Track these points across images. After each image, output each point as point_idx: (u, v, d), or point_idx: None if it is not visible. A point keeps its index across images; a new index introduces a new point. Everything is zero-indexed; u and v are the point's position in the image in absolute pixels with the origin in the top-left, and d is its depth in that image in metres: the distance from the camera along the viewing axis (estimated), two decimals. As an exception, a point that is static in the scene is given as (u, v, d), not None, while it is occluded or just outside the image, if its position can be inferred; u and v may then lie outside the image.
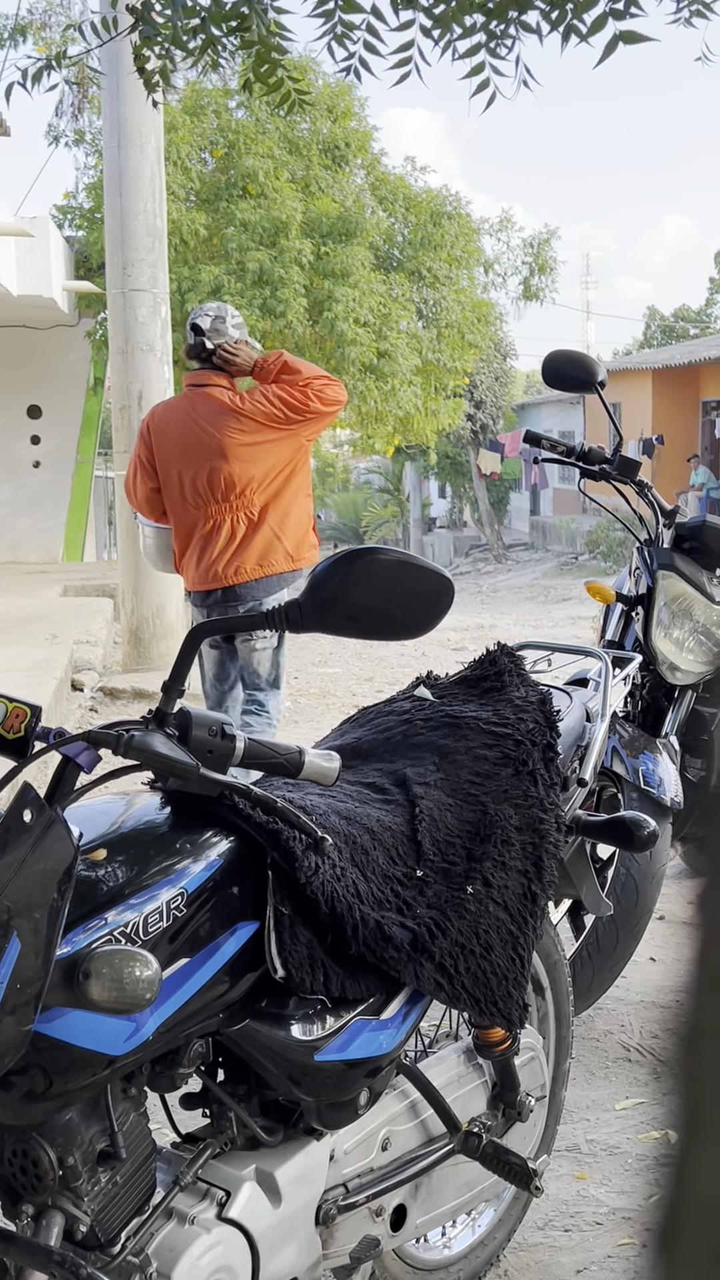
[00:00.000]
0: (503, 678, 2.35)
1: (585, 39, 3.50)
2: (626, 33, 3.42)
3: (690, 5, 3.74)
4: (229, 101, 13.46)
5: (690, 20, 3.78)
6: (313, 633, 1.71)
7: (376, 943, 1.81)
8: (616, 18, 3.42)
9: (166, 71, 3.86)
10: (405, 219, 14.40)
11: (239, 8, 3.55)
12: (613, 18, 3.43)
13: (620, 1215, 2.68)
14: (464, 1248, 2.42)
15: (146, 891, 1.60)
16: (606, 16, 3.43)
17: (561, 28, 3.55)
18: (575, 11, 3.51)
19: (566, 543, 27.09)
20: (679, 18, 3.76)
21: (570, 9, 3.51)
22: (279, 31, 3.64)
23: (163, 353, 8.70)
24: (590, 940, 3.42)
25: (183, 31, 3.64)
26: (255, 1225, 1.76)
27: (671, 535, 3.83)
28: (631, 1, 3.44)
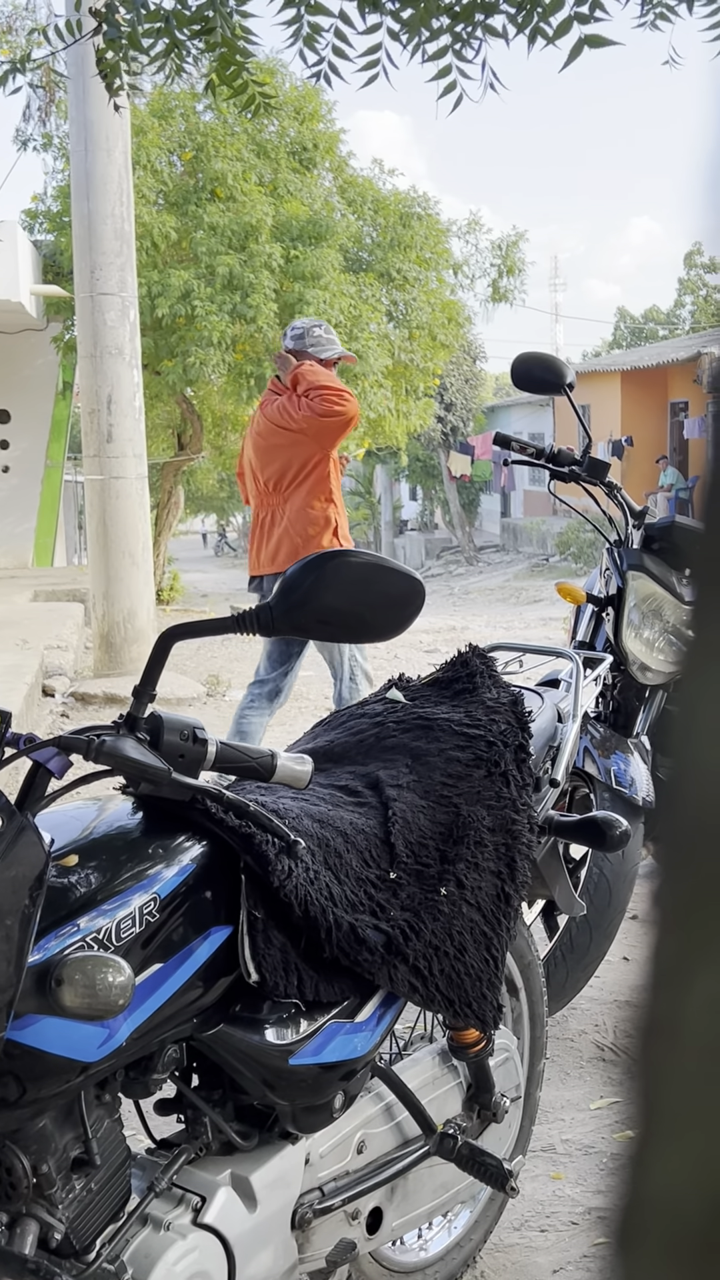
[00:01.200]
0: (475, 679, 2.36)
1: (551, 42, 3.52)
2: (592, 36, 3.43)
3: (655, 9, 3.76)
4: (196, 105, 13.44)
5: (655, 24, 3.80)
6: (285, 636, 1.71)
7: (350, 945, 1.81)
8: (582, 21, 3.44)
9: (131, 73, 3.85)
10: (374, 221, 14.42)
11: (203, 11, 3.55)
12: (578, 21, 3.44)
13: (596, 1215, 2.68)
14: (440, 1249, 2.42)
15: (119, 897, 1.59)
16: (572, 20, 3.45)
17: (528, 31, 3.56)
18: (541, 15, 3.52)
19: (537, 544, 27.18)
20: (644, 22, 3.79)
21: (536, 12, 3.52)
22: (243, 35, 3.64)
23: (131, 356, 8.67)
24: (564, 940, 3.43)
25: (146, 35, 3.63)
26: (231, 1230, 1.75)
27: (641, 536, 3.85)
28: (597, 5, 3.46)
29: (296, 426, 5.32)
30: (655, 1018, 0.36)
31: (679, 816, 0.36)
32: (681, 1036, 0.35)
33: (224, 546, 42.90)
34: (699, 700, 0.35)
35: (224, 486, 29.66)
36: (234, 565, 35.83)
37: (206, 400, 14.98)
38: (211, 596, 19.97)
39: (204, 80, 4.05)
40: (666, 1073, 0.36)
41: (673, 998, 0.36)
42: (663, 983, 0.36)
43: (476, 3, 3.55)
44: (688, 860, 0.36)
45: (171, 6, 3.60)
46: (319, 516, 5.42)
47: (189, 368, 12.67)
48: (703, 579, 0.35)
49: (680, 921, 0.36)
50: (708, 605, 0.35)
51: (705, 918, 0.35)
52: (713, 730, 0.34)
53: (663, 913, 0.36)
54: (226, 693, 8.76)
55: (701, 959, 0.35)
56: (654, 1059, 0.36)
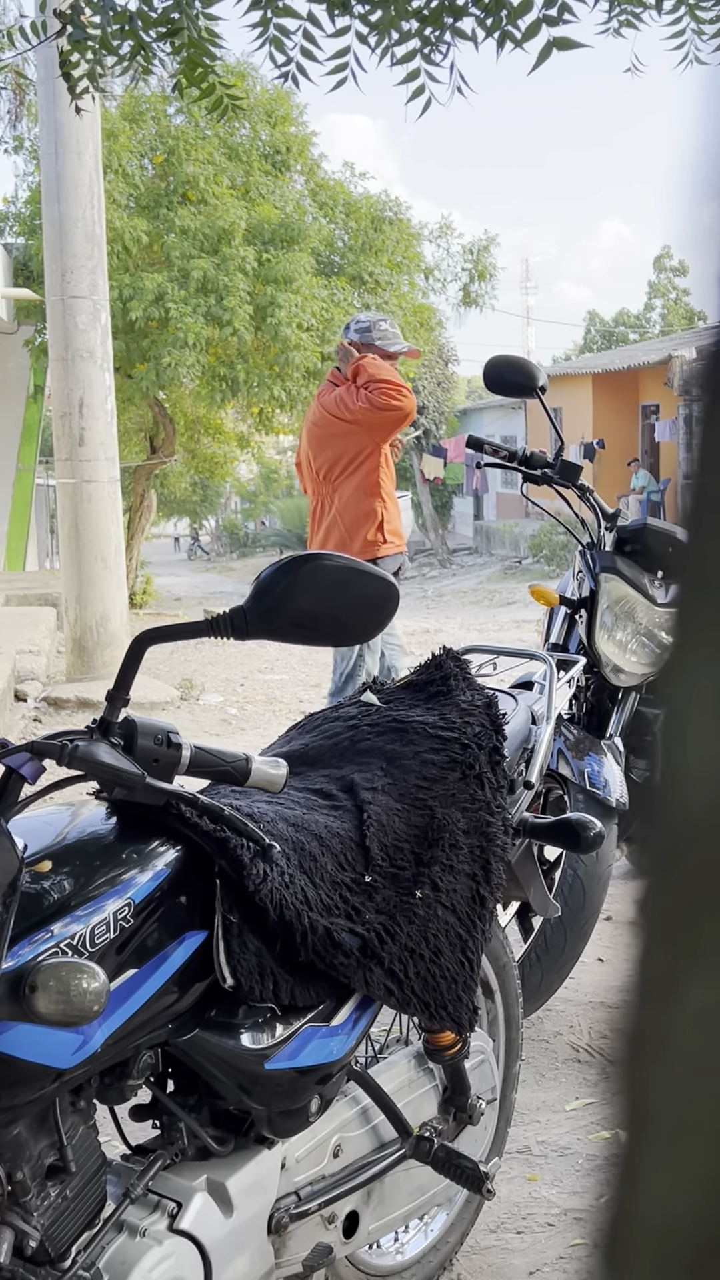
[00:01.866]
0: (448, 682, 2.36)
1: (520, 45, 3.53)
2: (560, 39, 3.45)
3: (619, 15, 3.78)
4: (168, 108, 13.43)
5: (619, 30, 3.82)
6: (259, 639, 1.71)
7: (326, 949, 1.81)
8: (550, 24, 3.46)
9: (95, 75, 3.84)
10: (345, 224, 14.43)
11: (169, 13, 3.54)
12: (546, 24, 3.46)
13: (572, 1216, 2.69)
14: (417, 1252, 2.42)
15: (93, 903, 1.58)
16: (540, 23, 3.46)
17: (496, 34, 3.57)
18: (509, 18, 3.53)
19: (510, 547, 27.23)
20: (608, 28, 3.81)
21: (504, 16, 3.53)
22: (210, 37, 3.63)
23: (103, 359, 8.65)
24: (538, 942, 3.43)
25: (112, 36, 3.62)
26: (207, 1236, 1.75)
27: (613, 538, 3.86)
28: (565, 8, 3.47)
29: (351, 417, 5.42)
30: (643, 1029, 0.36)
31: (664, 825, 0.36)
32: (671, 1048, 0.35)
33: (197, 550, 42.84)
34: (682, 707, 0.35)
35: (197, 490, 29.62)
36: (208, 569, 35.77)
37: (179, 404, 14.96)
38: (185, 600, 19.93)
39: (173, 82, 4.04)
40: (655, 1084, 0.36)
41: (661, 1009, 0.36)
42: (650, 994, 0.36)
43: (445, 5, 3.56)
44: (674, 869, 0.35)
45: (136, 8, 3.59)
46: (365, 509, 5.53)
47: (163, 371, 12.65)
48: (685, 585, 0.35)
49: (667, 932, 0.36)
50: (690, 611, 0.35)
51: (694, 928, 0.35)
52: (697, 738, 0.34)
53: (648, 922, 0.36)
54: (200, 697, 8.74)
55: (691, 970, 0.35)
56: (642, 1070, 0.36)
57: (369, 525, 5.54)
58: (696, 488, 0.34)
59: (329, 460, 5.55)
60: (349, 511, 5.54)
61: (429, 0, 3.56)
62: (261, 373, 13.32)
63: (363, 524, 5.53)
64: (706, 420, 0.34)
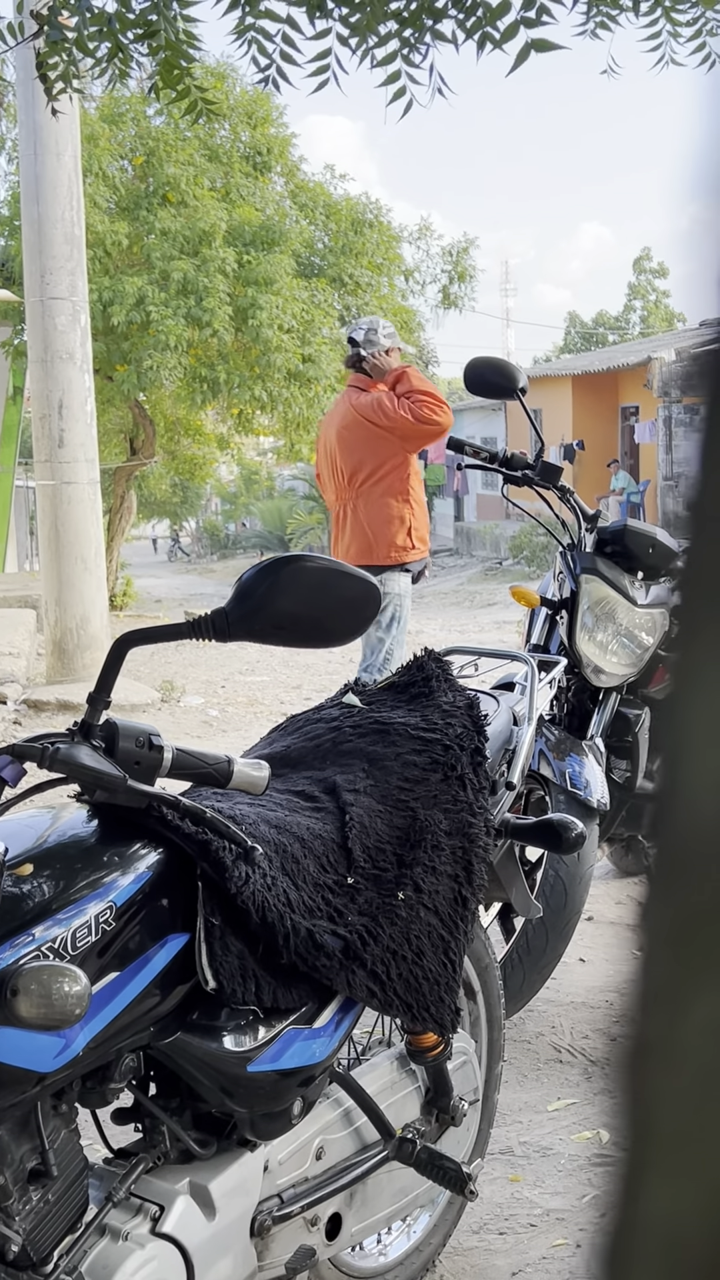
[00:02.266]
0: (430, 683, 2.36)
1: (499, 46, 3.54)
2: (538, 40, 3.46)
3: (596, 17, 3.79)
4: (147, 109, 13.41)
5: (595, 33, 3.83)
6: (240, 641, 1.71)
7: (308, 951, 1.81)
8: (528, 25, 3.46)
9: (69, 76, 3.82)
10: (326, 226, 14.44)
11: (147, 15, 3.54)
12: (524, 25, 3.46)
13: (554, 1216, 2.69)
14: (400, 1254, 2.42)
15: (74, 906, 1.58)
16: (519, 24, 3.47)
17: (476, 36, 3.58)
18: (488, 19, 3.54)
19: (491, 548, 27.27)
20: (585, 29, 3.81)
21: (483, 17, 3.54)
22: (188, 39, 3.63)
23: (83, 361, 8.63)
24: (520, 943, 3.44)
25: (89, 38, 3.61)
26: (190, 1239, 1.74)
27: (594, 539, 3.87)
28: (543, 10, 3.48)
29: (389, 424, 5.43)
30: (647, 1039, 0.36)
31: (668, 838, 0.36)
32: (677, 1058, 0.35)
33: (177, 551, 42.75)
34: (688, 719, 0.35)
35: (177, 491, 29.56)
36: (188, 570, 35.72)
37: (159, 405, 14.93)
38: (166, 602, 19.90)
39: (149, 81, 4.03)
40: (661, 1095, 0.35)
41: (667, 1020, 0.35)
42: (655, 1005, 0.36)
43: (424, 7, 3.56)
44: (679, 881, 0.35)
45: (114, 10, 3.58)
46: (395, 514, 5.58)
47: (144, 373, 12.63)
48: (688, 594, 0.35)
49: (673, 942, 0.35)
50: (694, 622, 0.35)
51: (701, 940, 0.35)
52: (704, 749, 0.34)
53: (652, 934, 0.36)
54: (181, 699, 8.73)
55: (698, 982, 0.35)
56: (646, 1081, 0.36)
57: (399, 530, 5.59)
58: (698, 494, 0.34)
59: (355, 464, 5.58)
60: (377, 516, 5.57)
61: (408, 2, 3.57)
62: (242, 374, 13.32)
63: (391, 529, 5.58)
64: (707, 425, 0.34)
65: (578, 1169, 2.88)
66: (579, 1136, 3.02)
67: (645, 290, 43.81)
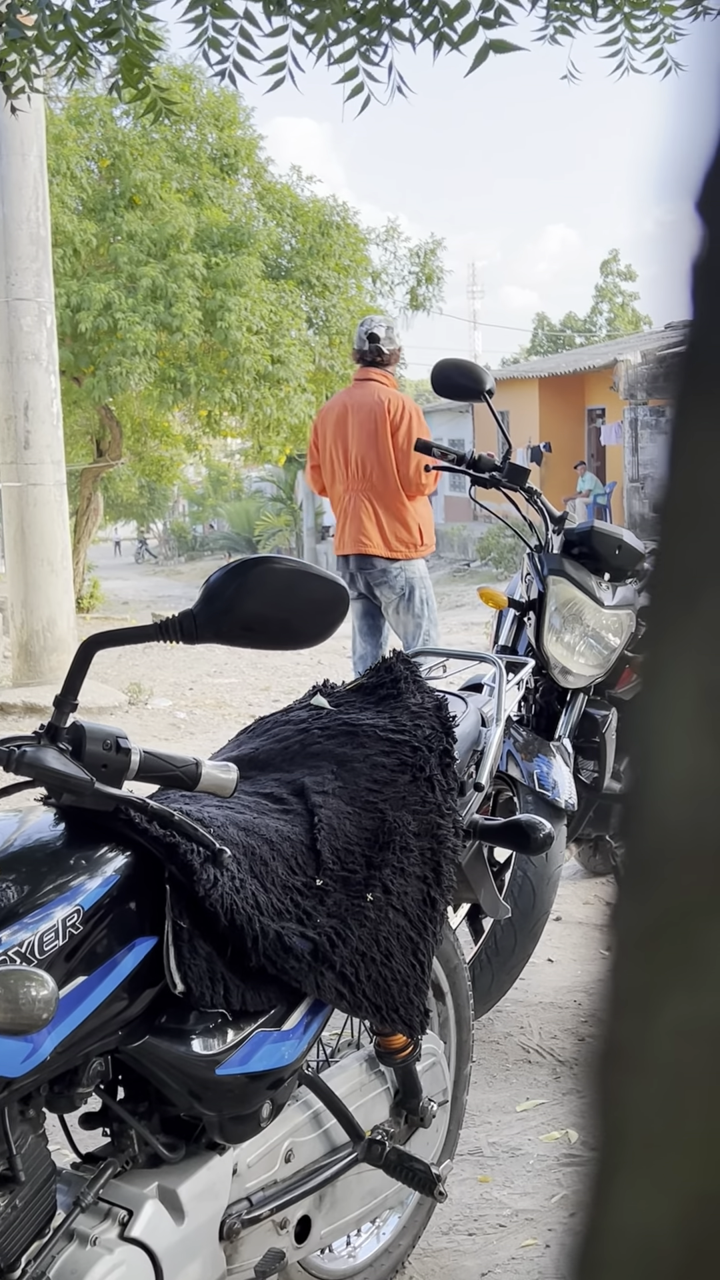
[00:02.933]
0: (399, 685, 2.36)
1: (456, 47, 3.54)
2: (497, 41, 3.46)
3: (556, 21, 3.80)
4: (114, 110, 13.38)
5: (555, 38, 3.84)
6: (208, 643, 1.70)
7: (277, 954, 1.81)
8: (487, 26, 3.47)
9: (29, 74, 3.80)
10: (293, 228, 14.44)
11: (106, 13, 3.53)
12: (483, 26, 3.47)
13: (523, 1217, 2.70)
14: (369, 1256, 2.41)
15: (41, 910, 1.57)
16: (477, 25, 3.47)
17: (433, 36, 3.58)
18: (446, 20, 3.54)
19: (458, 549, 27.32)
20: (545, 34, 3.82)
21: (442, 18, 3.54)
22: (149, 38, 3.62)
23: (49, 362, 8.59)
24: (489, 943, 3.45)
25: (49, 36, 3.59)
26: (158, 1243, 1.74)
27: (561, 541, 3.88)
28: (502, 11, 3.48)
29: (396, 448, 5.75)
30: (617, 1042, 0.36)
31: (637, 840, 0.36)
32: (648, 1062, 0.35)
33: (145, 553, 42.61)
34: (658, 717, 0.35)
35: (144, 493, 29.47)
36: (155, 572, 35.61)
37: (126, 407, 14.89)
38: (133, 604, 19.83)
39: (110, 80, 4.01)
40: (631, 1099, 0.35)
41: (637, 1024, 0.35)
42: (625, 1008, 0.36)
43: (382, 5, 3.56)
44: (649, 884, 0.35)
45: (71, 7, 3.56)
46: (406, 511, 5.82)
47: (113, 378, 12.60)
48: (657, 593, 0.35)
49: (644, 946, 0.35)
50: (663, 624, 0.35)
51: (671, 943, 0.35)
52: (673, 747, 0.34)
53: (622, 937, 0.36)
54: (149, 701, 8.70)
55: (669, 985, 0.35)
56: (617, 1085, 0.36)
57: (411, 526, 5.82)
58: (665, 497, 0.34)
59: (373, 458, 5.80)
60: (389, 510, 5.80)
61: (365, 0, 3.56)
62: (211, 375, 13.30)
63: (404, 524, 5.81)
64: (674, 428, 0.34)
65: (546, 1169, 2.89)
66: (548, 1137, 3.03)
67: (612, 293, 44.02)
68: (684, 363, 0.34)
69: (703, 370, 0.33)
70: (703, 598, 0.34)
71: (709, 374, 0.33)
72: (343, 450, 5.88)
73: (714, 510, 0.33)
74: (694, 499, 0.34)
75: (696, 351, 0.33)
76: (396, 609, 5.86)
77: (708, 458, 0.33)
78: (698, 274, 0.33)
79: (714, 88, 0.32)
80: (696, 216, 0.33)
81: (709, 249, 0.33)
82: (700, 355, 0.33)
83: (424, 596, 5.88)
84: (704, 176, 0.32)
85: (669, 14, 3.79)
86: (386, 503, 5.79)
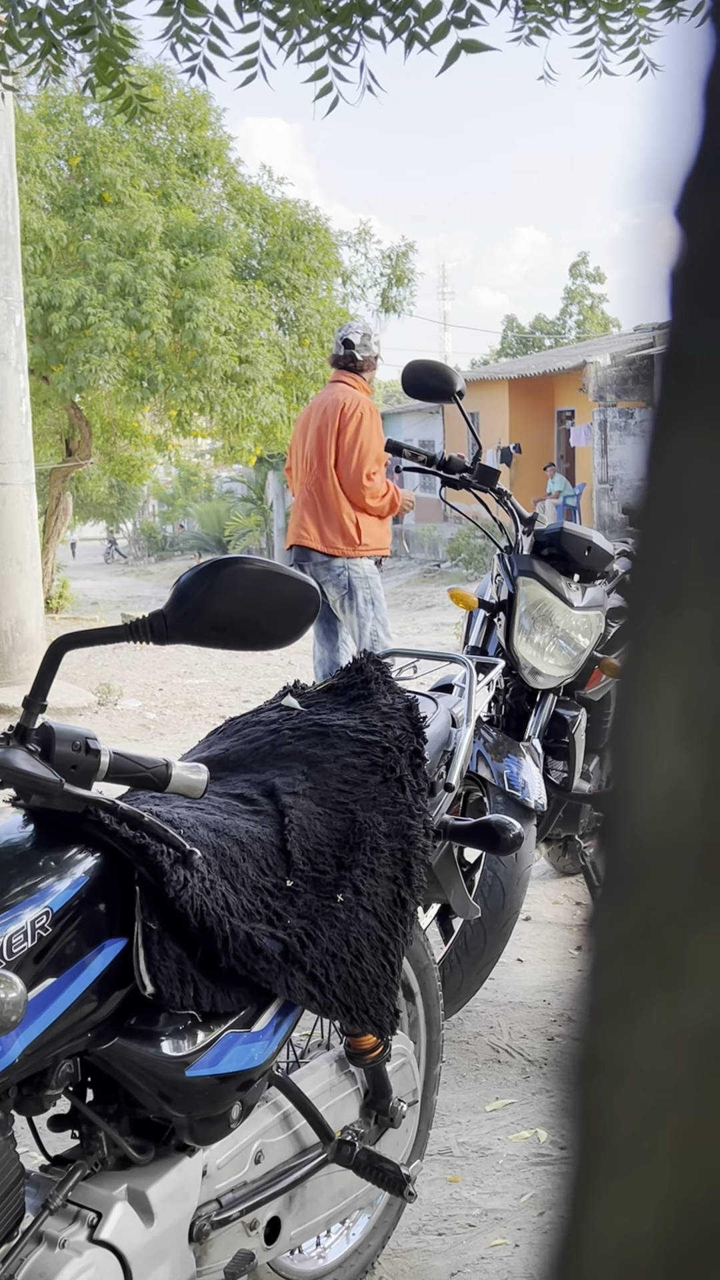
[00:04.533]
0: (369, 685, 2.36)
1: (428, 46, 3.54)
2: (468, 41, 3.46)
3: (530, 22, 3.80)
4: (84, 109, 13.33)
5: (530, 38, 3.85)
6: (178, 644, 1.70)
7: (247, 955, 1.80)
8: (459, 26, 3.47)
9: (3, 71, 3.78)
10: (264, 230, 14.43)
11: (80, 11, 3.51)
12: (455, 26, 3.47)
13: (493, 1216, 2.70)
14: (339, 1256, 2.41)
15: (9, 912, 1.56)
16: (449, 25, 3.48)
17: (405, 35, 3.58)
18: (419, 19, 3.54)
19: (429, 550, 27.36)
20: (519, 35, 3.83)
21: (414, 17, 3.54)
22: (122, 36, 3.60)
23: (18, 361, 8.55)
24: (459, 943, 3.45)
25: (23, 34, 3.58)
26: (127, 1246, 1.73)
27: (531, 542, 3.89)
28: (473, 11, 3.49)
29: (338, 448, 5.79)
30: (592, 1054, 0.36)
31: (618, 848, 0.36)
32: (629, 1071, 0.35)
33: (114, 553, 42.45)
34: (638, 723, 0.35)
35: (114, 493, 29.37)
36: (125, 572, 35.49)
37: (95, 406, 14.83)
38: (102, 604, 19.76)
39: (83, 79, 3.99)
40: (611, 1108, 0.35)
41: (617, 1033, 0.35)
42: (605, 1017, 0.36)
43: (354, 4, 3.56)
44: (629, 891, 0.35)
45: (45, 4, 3.55)
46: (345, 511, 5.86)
47: (80, 375, 12.55)
48: (637, 598, 0.35)
49: (623, 954, 0.35)
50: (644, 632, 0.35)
51: (652, 951, 0.35)
52: (654, 753, 0.34)
53: (601, 944, 0.36)
54: (118, 702, 8.67)
55: (650, 994, 0.35)
56: (596, 1093, 0.36)
57: (345, 524, 5.84)
58: (644, 503, 0.34)
59: (313, 451, 5.85)
60: (326, 507, 5.85)
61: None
62: (179, 374, 13.27)
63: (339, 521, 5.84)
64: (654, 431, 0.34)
65: (516, 1169, 2.89)
66: (517, 1136, 3.04)
67: (581, 295, 44.17)
68: (663, 370, 0.34)
69: (681, 377, 0.33)
70: (683, 605, 0.34)
71: (687, 381, 0.33)
72: (301, 447, 5.98)
73: (694, 518, 0.33)
74: (674, 507, 0.34)
75: (675, 358, 0.33)
76: (341, 606, 5.92)
77: (687, 465, 0.33)
78: (676, 281, 0.33)
79: (693, 95, 0.32)
80: (675, 223, 0.33)
81: (687, 256, 0.33)
82: (679, 362, 0.33)
83: (368, 597, 5.91)
84: (683, 184, 0.33)
85: (643, 15, 3.80)
86: (324, 499, 5.83)
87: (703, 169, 0.33)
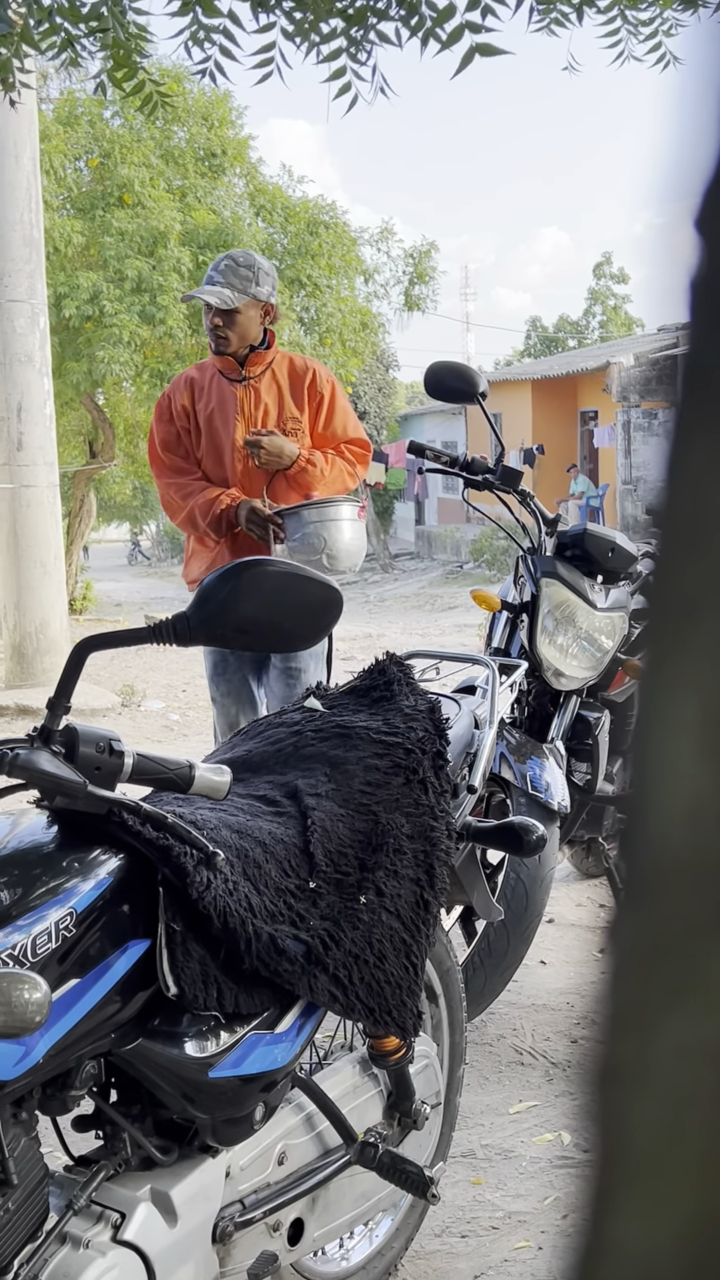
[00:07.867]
0: (392, 687, 2.36)
1: (446, 47, 3.54)
2: (483, 45, 3.45)
3: (551, 14, 3.79)
4: (104, 111, 13.38)
5: (551, 29, 3.83)
6: (202, 645, 1.70)
7: (270, 956, 1.81)
8: (473, 30, 3.46)
9: (9, 67, 3.79)
10: (284, 228, 14.44)
11: (98, 8, 3.52)
12: (469, 30, 3.46)
13: (516, 1219, 2.70)
14: (362, 1258, 2.41)
15: (34, 912, 1.57)
16: (463, 29, 3.47)
17: (420, 34, 3.58)
18: (436, 21, 3.54)
19: (451, 552, 27.34)
20: (541, 26, 3.82)
21: (426, 18, 3.54)
22: (139, 33, 3.62)
23: (41, 364, 8.58)
24: (482, 945, 3.45)
25: (41, 35, 3.59)
26: (151, 1246, 1.73)
27: (554, 543, 3.89)
28: (488, 12, 3.48)
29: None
30: (613, 1063, 0.36)
31: (639, 857, 0.35)
32: (649, 1082, 0.35)
33: (137, 555, 42.55)
34: (658, 739, 0.35)
35: (137, 494, 29.42)
36: (149, 574, 35.56)
37: (118, 407, 14.88)
38: (126, 606, 19.82)
39: (95, 80, 4.01)
40: (632, 1118, 0.35)
41: (637, 1043, 0.35)
42: (625, 1027, 0.36)
43: (369, 6, 3.56)
44: (651, 901, 0.35)
45: (59, 3, 3.56)
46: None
47: (95, 368, 12.59)
48: (657, 611, 0.35)
49: (645, 964, 0.35)
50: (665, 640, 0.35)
51: (673, 961, 0.34)
52: (675, 766, 0.34)
53: (621, 954, 0.36)
54: (142, 703, 8.69)
55: (670, 1004, 0.34)
56: (617, 1104, 0.36)
57: None
58: (665, 507, 0.34)
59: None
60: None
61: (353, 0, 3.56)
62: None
63: None
64: (675, 441, 0.34)
65: (539, 1171, 2.89)
66: (540, 1139, 3.03)
67: (605, 295, 44.04)
68: (684, 380, 0.34)
69: (703, 388, 0.33)
70: (704, 618, 0.33)
71: (709, 392, 0.33)
72: None
73: (714, 532, 0.33)
74: (694, 519, 0.33)
75: (696, 368, 0.33)
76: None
77: (708, 477, 0.33)
78: (696, 291, 0.33)
79: (713, 103, 0.32)
80: (696, 234, 0.33)
81: (708, 266, 0.33)
82: (700, 372, 0.33)
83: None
84: (704, 194, 0.32)
85: (668, 6, 3.78)
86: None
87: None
